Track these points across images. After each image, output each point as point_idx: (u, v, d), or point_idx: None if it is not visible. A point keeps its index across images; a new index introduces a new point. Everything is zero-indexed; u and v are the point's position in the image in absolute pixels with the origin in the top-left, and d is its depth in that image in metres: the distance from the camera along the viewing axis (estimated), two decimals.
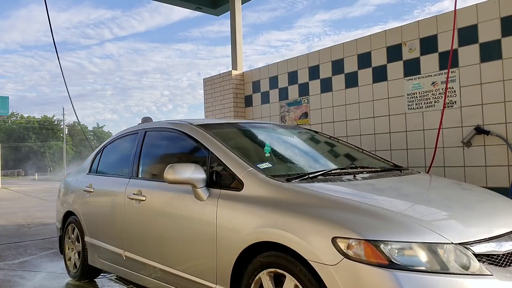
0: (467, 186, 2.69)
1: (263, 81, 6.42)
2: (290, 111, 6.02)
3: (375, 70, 4.95)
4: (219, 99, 6.89)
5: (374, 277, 1.61)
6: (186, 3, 7.44)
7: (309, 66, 5.74)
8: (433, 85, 4.37)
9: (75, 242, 3.85)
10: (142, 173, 3.11)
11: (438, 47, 4.38)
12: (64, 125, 59.63)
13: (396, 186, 2.44)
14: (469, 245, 1.68)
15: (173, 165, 2.35)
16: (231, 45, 7.06)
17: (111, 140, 3.91)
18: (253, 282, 2.05)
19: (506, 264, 1.71)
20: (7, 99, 21.64)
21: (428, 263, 1.61)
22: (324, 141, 3.34)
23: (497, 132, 3.92)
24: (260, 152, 2.72)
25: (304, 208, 1.93)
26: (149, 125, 3.34)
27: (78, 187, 3.85)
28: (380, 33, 4.93)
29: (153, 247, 2.76)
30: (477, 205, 2.23)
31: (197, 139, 2.67)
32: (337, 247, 1.70)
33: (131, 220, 2.97)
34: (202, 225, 2.33)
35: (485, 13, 4.05)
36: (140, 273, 2.92)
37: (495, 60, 3.96)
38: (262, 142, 2.98)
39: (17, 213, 9.39)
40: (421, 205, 2.09)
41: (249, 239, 2.05)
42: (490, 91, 3.99)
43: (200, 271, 2.37)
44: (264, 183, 2.17)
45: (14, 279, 3.88)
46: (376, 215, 1.79)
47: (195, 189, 2.36)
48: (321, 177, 2.29)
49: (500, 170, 3.92)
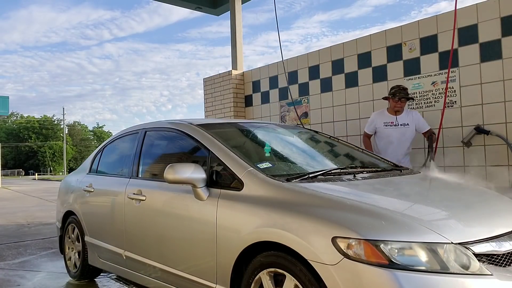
0: (467, 186, 2.69)
1: (263, 81, 6.42)
2: (290, 111, 6.02)
3: (375, 70, 4.95)
4: (219, 99, 6.89)
5: (374, 277, 1.61)
6: (186, 3, 7.44)
7: (309, 66, 5.74)
8: (433, 85, 4.37)
9: (75, 242, 3.85)
10: (142, 173, 3.11)
11: (438, 47, 4.38)
12: (64, 125, 59.66)
13: (396, 186, 2.44)
14: (469, 245, 1.68)
15: (173, 165, 2.35)
16: (231, 45, 7.05)
17: (111, 140, 3.91)
18: (253, 282, 2.05)
19: (506, 264, 1.71)
20: (7, 99, 21.65)
21: (428, 263, 1.61)
22: (324, 141, 3.33)
23: (497, 132, 3.92)
24: (260, 152, 2.72)
25: (304, 207, 1.93)
26: (149, 125, 3.34)
27: (78, 187, 3.84)
28: (380, 33, 4.93)
29: (153, 246, 2.76)
30: (477, 205, 2.23)
31: (197, 139, 2.67)
32: (337, 247, 1.70)
33: (131, 220, 2.97)
34: (202, 225, 2.33)
35: (485, 13, 4.05)
36: (140, 273, 2.92)
37: (495, 60, 3.97)
38: (262, 142, 2.98)
39: (17, 212, 9.39)
40: (421, 205, 2.09)
41: (249, 238, 2.05)
42: (490, 91, 3.99)
43: (200, 270, 2.37)
44: (264, 183, 2.17)
45: (14, 278, 3.88)
46: (376, 215, 1.79)
47: (195, 188, 2.36)
48: (321, 177, 2.29)
49: (500, 170, 3.92)
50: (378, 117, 4.21)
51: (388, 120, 4.12)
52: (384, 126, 4.13)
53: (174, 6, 7.82)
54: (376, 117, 4.24)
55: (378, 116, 4.22)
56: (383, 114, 4.20)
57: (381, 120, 4.16)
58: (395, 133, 4.08)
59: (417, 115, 4.15)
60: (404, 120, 4.08)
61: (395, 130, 4.09)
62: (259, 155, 2.66)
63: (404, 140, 4.06)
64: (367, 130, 4.30)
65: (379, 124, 4.16)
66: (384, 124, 4.13)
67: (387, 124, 4.12)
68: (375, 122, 4.22)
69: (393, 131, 4.09)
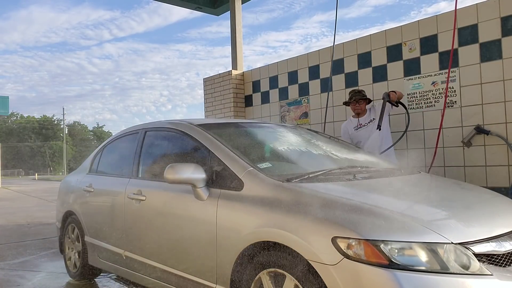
0: (467, 186, 2.69)
1: (263, 81, 6.42)
2: (290, 111, 6.02)
3: (375, 70, 4.94)
4: (219, 98, 6.88)
5: (374, 277, 1.61)
6: (186, 2, 7.44)
7: (309, 66, 5.74)
8: (433, 85, 4.37)
9: (75, 242, 3.85)
10: (142, 173, 3.11)
11: (438, 47, 4.38)
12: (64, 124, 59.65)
13: (396, 186, 2.44)
14: (469, 245, 1.68)
15: (173, 165, 2.35)
16: (231, 45, 7.05)
17: (111, 140, 3.91)
18: (253, 282, 2.05)
19: (506, 264, 1.71)
20: (7, 99, 21.67)
21: (428, 263, 1.61)
22: (324, 141, 3.33)
23: (497, 132, 3.92)
24: (260, 152, 2.72)
25: (304, 207, 1.93)
26: (149, 125, 3.34)
27: (78, 187, 3.84)
28: (380, 33, 4.93)
29: (153, 246, 2.76)
30: (477, 205, 2.23)
31: (197, 138, 2.67)
32: (337, 247, 1.70)
33: (131, 220, 2.97)
34: (202, 225, 2.33)
35: (485, 12, 4.05)
36: (140, 273, 2.92)
37: (495, 60, 3.96)
38: (262, 142, 2.98)
39: (17, 213, 9.39)
40: (421, 205, 2.09)
41: (249, 238, 2.05)
42: (490, 91, 3.99)
43: (200, 270, 2.37)
44: (264, 183, 2.17)
45: (14, 278, 3.88)
46: (376, 215, 1.79)
47: (195, 188, 2.36)
48: (321, 176, 2.29)
49: (500, 170, 3.92)
50: (347, 125, 4.45)
51: (355, 124, 4.36)
52: (355, 130, 4.35)
53: (174, 6, 7.81)
54: (346, 125, 4.48)
55: (347, 124, 4.47)
56: (350, 121, 4.45)
57: (351, 127, 4.39)
58: (364, 133, 4.26)
59: (376, 104, 4.29)
60: (367, 119, 4.29)
61: (363, 130, 4.28)
62: (259, 155, 2.66)
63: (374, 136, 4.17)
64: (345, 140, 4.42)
65: (351, 131, 4.38)
66: (354, 129, 4.35)
67: (356, 127, 4.34)
68: (347, 130, 4.43)
69: (362, 132, 4.28)
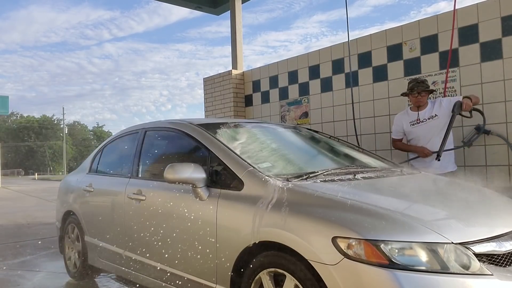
0: (468, 186, 2.69)
1: (263, 81, 6.41)
2: (290, 111, 6.01)
3: (376, 69, 4.94)
4: (219, 98, 6.88)
5: (375, 277, 1.60)
6: (186, 2, 7.44)
7: (309, 65, 5.74)
8: (434, 85, 4.37)
9: (75, 242, 3.85)
10: (142, 173, 3.11)
11: (438, 47, 4.37)
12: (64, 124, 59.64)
13: (397, 186, 2.44)
14: (469, 245, 1.68)
15: (173, 165, 2.35)
16: (231, 44, 7.05)
17: (111, 140, 3.90)
18: (253, 282, 2.05)
19: (507, 264, 1.71)
20: (7, 98, 21.67)
21: (428, 263, 1.61)
22: (324, 140, 3.33)
23: (497, 132, 3.91)
24: (260, 152, 2.72)
25: (304, 207, 1.93)
26: (149, 124, 3.34)
27: (78, 186, 3.84)
28: (381, 33, 4.92)
29: (153, 246, 2.75)
30: (477, 205, 2.23)
31: (197, 138, 2.67)
32: (337, 247, 1.70)
33: (131, 219, 2.97)
34: (202, 225, 2.32)
35: (485, 12, 4.04)
36: (140, 273, 2.92)
37: (496, 59, 3.96)
38: (262, 141, 2.97)
39: (17, 212, 9.38)
40: (421, 204, 2.09)
41: (249, 238, 2.05)
42: (491, 91, 3.99)
43: (200, 270, 2.37)
44: (264, 183, 2.16)
45: (14, 278, 3.88)
46: (376, 214, 1.79)
47: (195, 188, 2.36)
48: (321, 176, 2.29)
49: (501, 170, 3.91)
50: (403, 118, 3.87)
51: (413, 118, 3.77)
52: (411, 126, 3.79)
53: (173, 6, 7.82)
54: (400, 118, 3.90)
55: (402, 117, 3.89)
56: (407, 114, 3.87)
57: (407, 121, 3.82)
58: (421, 130, 3.73)
59: (445, 100, 3.75)
60: (429, 114, 3.71)
61: (421, 127, 3.73)
62: (259, 155, 2.66)
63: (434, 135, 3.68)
64: (394, 135, 3.98)
65: (406, 126, 3.82)
66: (411, 124, 3.79)
67: (413, 122, 3.77)
68: (401, 124, 3.87)
69: (419, 129, 3.74)
